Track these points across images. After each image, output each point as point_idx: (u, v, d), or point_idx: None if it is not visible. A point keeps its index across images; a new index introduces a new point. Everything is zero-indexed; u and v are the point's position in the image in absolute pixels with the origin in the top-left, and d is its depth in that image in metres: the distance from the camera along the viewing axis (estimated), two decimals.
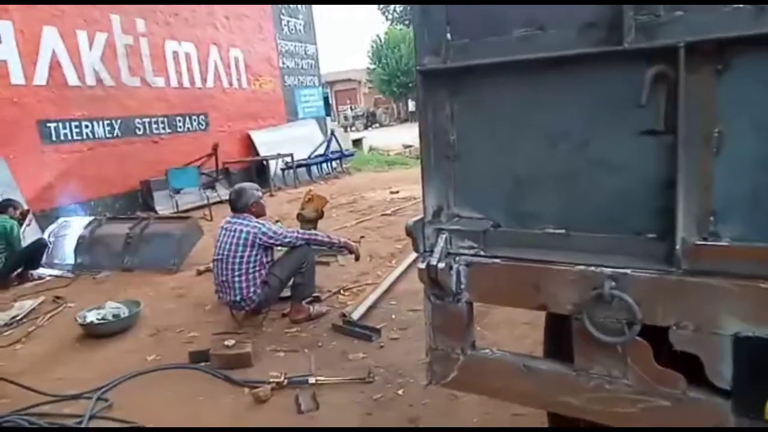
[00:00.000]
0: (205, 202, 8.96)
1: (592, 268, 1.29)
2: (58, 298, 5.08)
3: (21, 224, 5.81)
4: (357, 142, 18.11)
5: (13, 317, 4.57)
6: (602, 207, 1.31)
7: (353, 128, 30.62)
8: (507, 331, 3.45)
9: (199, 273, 5.42)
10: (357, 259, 4.19)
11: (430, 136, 1.45)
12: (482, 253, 1.44)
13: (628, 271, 1.26)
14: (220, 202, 9.35)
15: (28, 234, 6.19)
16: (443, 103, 1.43)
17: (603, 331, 1.28)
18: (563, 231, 1.35)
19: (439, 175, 1.46)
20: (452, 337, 1.49)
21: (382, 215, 7.71)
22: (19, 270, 5.75)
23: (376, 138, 21.79)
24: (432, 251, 1.43)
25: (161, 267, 5.64)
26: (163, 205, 8.98)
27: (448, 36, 1.38)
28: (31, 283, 5.66)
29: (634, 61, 1.20)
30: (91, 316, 4.13)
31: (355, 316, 3.91)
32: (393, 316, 3.96)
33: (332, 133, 13.26)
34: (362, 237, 6.31)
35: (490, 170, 1.43)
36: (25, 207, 6.23)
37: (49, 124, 7.92)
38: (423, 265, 1.42)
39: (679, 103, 1.17)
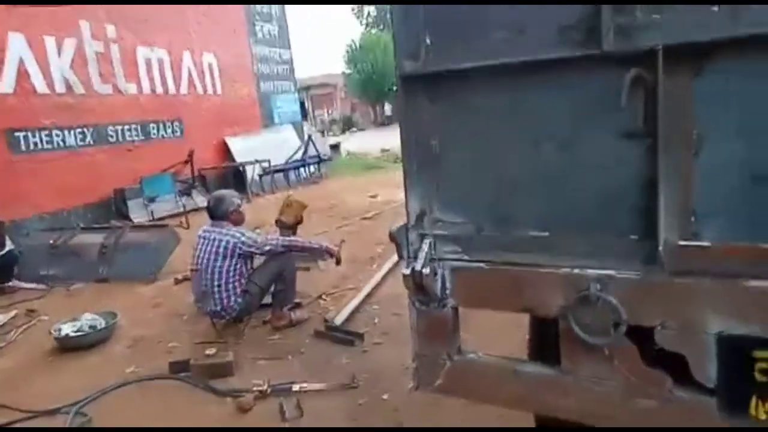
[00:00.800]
0: (182, 209, 8.82)
1: (577, 271, 1.30)
2: (31, 311, 4.95)
3: None
4: (334, 147, 18.05)
5: None
6: (585, 209, 1.31)
7: (330, 133, 30.56)
8: (489, 332, 3.45)
9: (177, 282, 5.33)
10: (338, 263, 4.16)
11: (411, 141, 1.44)
12: (466, 257, 1.43)
13: (613, 272, 1.27)
14: (197, 209, 9.22)
15: None
16: (424, 107, 1.42)
17: (589, 333, 1.28)
18: (546, 234, 1.35)
19: (422, 179, 1.45)
20: (438, 343, 1.48)
21: (362, 219, 7.70)
22: None
23: (353, 142, 21.76)
24: (416, 257, 1.42)
25: (138, 277, 5.53)
26: (137, 214, 8.81)
27: (427, 40, 1.37)
28: (2, 297, 5.49)
29: (613, 64, 1.21)
30: (67, 329, 4.03)
31: (338, 321, 3.89)
32: (376, 321, 3.95)
33: (309, 138, 13.22)
34: (342, 241, 6.20)
35: (473, 174, 1.43)
36: None
37: (17, 134, 7.72)
38: (407, 271, 1.41)
39: (658, 106, 1.18)
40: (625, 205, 1.26)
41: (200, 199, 9.61)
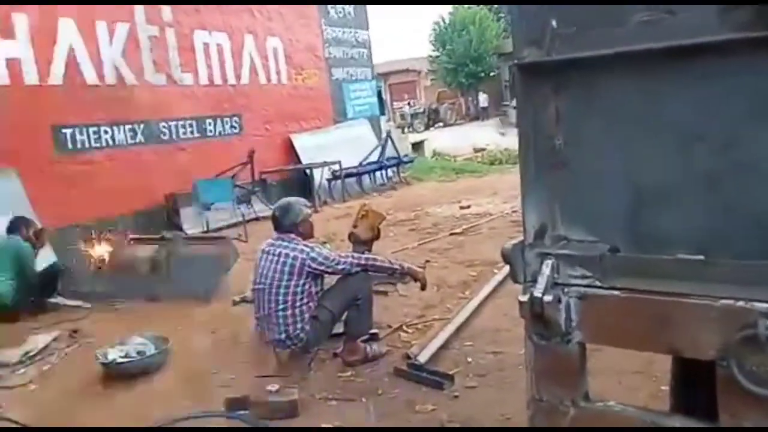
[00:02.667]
0: (240, 219, 9.22)
1: (741, 303, 1.27)
2: (74, 332, 5.31)
3: (35, 246, 6.12)
4: (417, 146, 18.22)
5: (26, 353, 4.80)
6: (753, 227, 1.28)
7: (412, 129, 30.83)
8: (614, 380, 3.37)
9: (235, 303, 5.58)
10: (423, 288, 4.20)
11: (530, 141, 1.47)
12: (598, 283, 1.43)
13: None
14: (257, 219, 9.62)
15: (42, 257, 6.51)
16: (547, 101, 1.44)
17: (757, 383, 1.24)
18: (701, 257, 1.33)
19: (543, 187, 1.47)
20: (560, 386, 1.49)
21: (451, 234, 7.71)
22: (32, 299, 6.04)
23: (440, 140, 21.84)
24: (535, 281, 1.44)
25: (191, 296, 5.84)
26: (191, 224, 9.31)
27: (554, 23, 1.40)
28: (44, 315, 5.94)
29: None
30: (114, 354, 4.30)
31: (422, 358, 3.91)
32: (469, 360, 3.95)
33: (388, 136, 13.42)
34: (427, 261, 6.33)
35: (606, 181, 1.43)
36: (39, 225, 6.56)
37: (64, 130, 8.40)
38: (525, 298, 1.43)
39: None
40: None
41: (260, 207, 10.02)
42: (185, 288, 5.94)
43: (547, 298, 1.40)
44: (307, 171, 11.52)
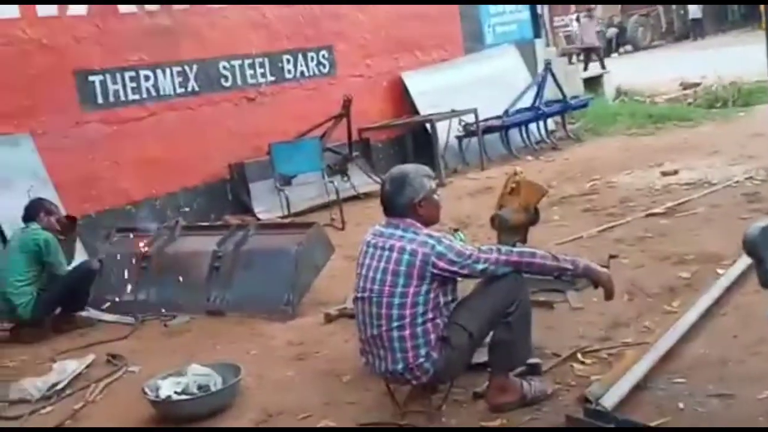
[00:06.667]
0: (333, 197, 9.37)
1: None
2: (114, 357, 5.62)
3: (61, 239, 6.44)
4: (592, 82, 17.82)
5: (53, 386, 5.12)
6: None
7: (582, 58, 30.17)
8: None
9: (330, 319, 5.69)
10: (608, 297, 4.13)
11: None
12: None
13: None
14: (357, 196, 9.77)
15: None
16: None
17: None
18: None
19: None
20: None
21: (648, 216, 7.55)
22: (57, 312, 6.45)
23: (628, 72, 21.25)
24: None
25: (268, 308, 6.04)
26: (265, 205, 9.61)
27: None
28: (74, 333, 6.34)
29: None
30: (167, 388, 4.51)
31: (608, 402, 3.87)
32: (680, 405, 3.86)
33: (547, 68, 13.19)
34: (612, 257, 6.21)
35: None
36: (63, 211, 6.92)
37: (92, 78, 8.84)
38: None
39: None
40: None
41: (361, 180, 10.17)
42: (259, 296, 6.17)
43: None
44: (428, 125, 11.54)
